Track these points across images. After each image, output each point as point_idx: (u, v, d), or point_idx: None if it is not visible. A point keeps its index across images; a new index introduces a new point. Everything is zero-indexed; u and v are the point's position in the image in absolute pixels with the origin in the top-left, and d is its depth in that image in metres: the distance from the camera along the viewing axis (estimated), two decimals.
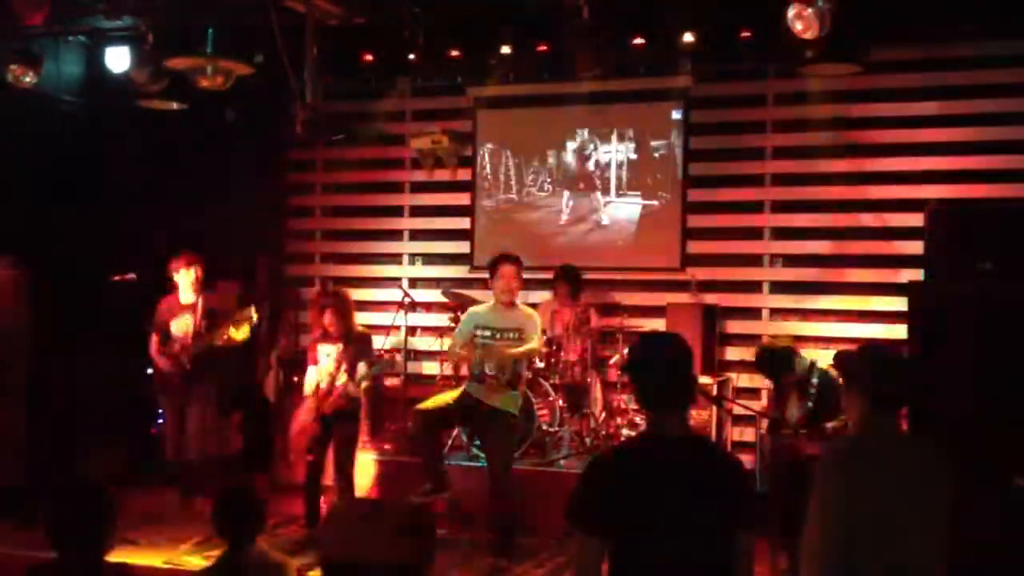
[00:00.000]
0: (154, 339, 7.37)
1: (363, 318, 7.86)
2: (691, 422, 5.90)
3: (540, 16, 7.63)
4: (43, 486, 6.66)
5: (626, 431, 7.78)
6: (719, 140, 8.78)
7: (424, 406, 6.72)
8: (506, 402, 6.51)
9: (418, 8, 7.52)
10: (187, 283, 7.34)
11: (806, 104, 8.35)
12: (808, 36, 6.37)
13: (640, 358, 3.18)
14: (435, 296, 9.26)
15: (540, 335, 6.72)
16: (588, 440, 7.97)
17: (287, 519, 7.12)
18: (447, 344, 8.26)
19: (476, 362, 6.56)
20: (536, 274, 8.51)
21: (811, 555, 3.18)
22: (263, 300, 7.90)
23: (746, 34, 7.47)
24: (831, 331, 8.23)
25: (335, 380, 6.80)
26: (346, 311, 6.91)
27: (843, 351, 4.69)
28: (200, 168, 8.70)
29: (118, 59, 7.78)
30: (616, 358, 8.14)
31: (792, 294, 8.51)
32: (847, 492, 3.15)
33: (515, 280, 6.57)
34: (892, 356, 3.46)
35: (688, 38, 7.57)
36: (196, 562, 6.09)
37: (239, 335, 7.21)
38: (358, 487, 7.20)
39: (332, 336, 6.88)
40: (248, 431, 8.59)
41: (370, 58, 8.16)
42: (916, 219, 7.37)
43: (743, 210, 8.68)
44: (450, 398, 6.76)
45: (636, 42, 7.66)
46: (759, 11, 7.05)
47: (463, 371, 7.85)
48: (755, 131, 8.63)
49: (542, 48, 7.93)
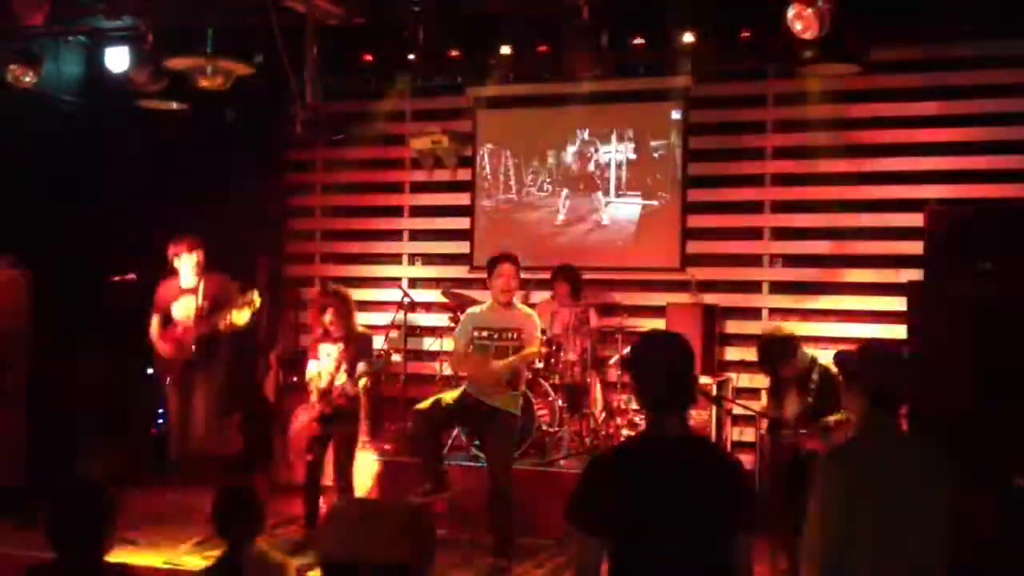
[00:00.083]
0: (155, 323, 7.34)
1: (363, 318, 7.85)
2: (691, 422, 5.91)
3: (540, 16, 7.63)
4: (43, 486, 6.66)
5: (626, 431, 7.78)
6: (719, 140, 8.78)
7: (424, 406, 6.71)
8: (506, 402, 6.51)
9: (418, 8, 7.53)
10: (189, 267, 7.32)
11: (806, 104, 8.36)
12: (808, 36, 6.37)
13: (641, 358, 3.18)
14: (435, 296, 9.26)
15: (539, 336, 6.72)
16: (588, 440, 7.97)
17: (287, 519, 7.12)
18: (447, 344, 8.28)
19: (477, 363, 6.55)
20: (536, 274, 8.52)
21: (811, 555, 3.18)
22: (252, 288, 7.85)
23: (746, 34, 7.46)
24: (831, 331, 8.23)
25: (335, 380, 6.80)
26: (347, 311, 6.91)
27: (843, 351, 4.66)
28: (200, 168, 8.69)
29: (118, 59, 7.78)
30: (616, 358, 8.15)
31: (792, 294, 8.51)
32: (847, 492, 3.16)
33: (513, 279, 6.57)
34: (892, 356, 3.47)
35: (688, 38, 7.57)
36: (196, 562, 6.09)
37: (241, 319, 7.21)
38: (358, 487, 7.20)
39: (333, 336, 6.88)
40: (248, 431, 8.58)
41: (370, 58, 8.15)
42: (916, 219, 7.37)
43: (743, 210, 8.68)
44: (450, 398, 6.75)
45: (636, 42, 7.65)
46: (759, 11, 7.05)
47: (458, 366, 7.85)
48: (755, 131, 8.63)
49: (542, 48, 7.92)
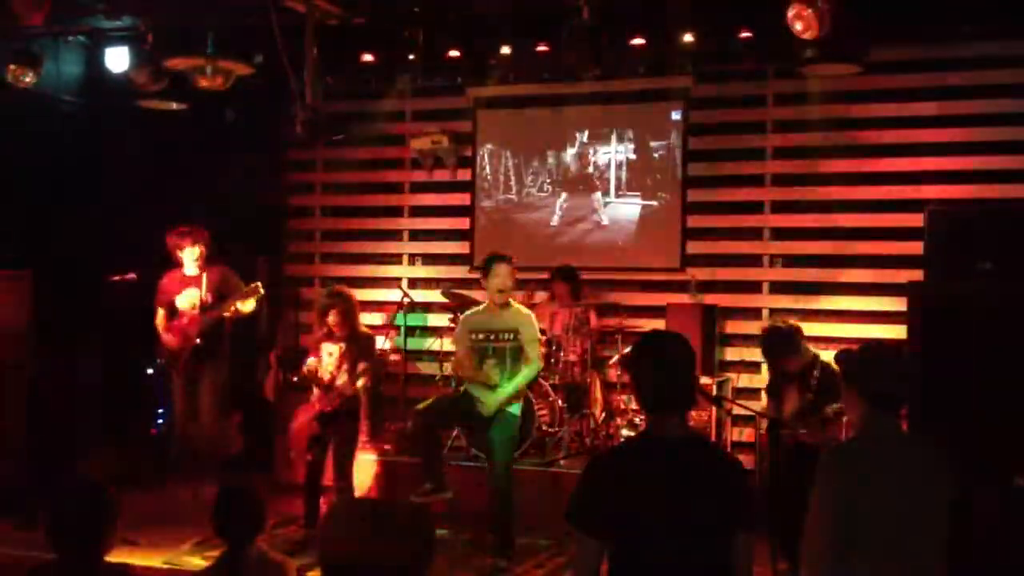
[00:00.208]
0: (160, 314, 7.35)
1: (363, 318, 7.85)
2: (691, 422, 5.91)
3: (540, 16, 7.63)
4: (43, 486, 6.67)
5: (626, 431, 7.78)
6: (719, 140, 8.78)
7: (424, 406, 6.71)
8: (506, 403, 6.50)
9: (418, 8, 7.52)
10: (192, 259, 7.32)
11: (806, 104, 8.36)
12: (808, 36, 6.37)
13: (641, 358, 3.18)
14: (435, 296, 9.26)
15: (540, 337, 6.67)
16: (588, 440, 7.97)
17: (287, 519, 7.12)
18: (447, 344, 8.28)
19: (476, 364, 6.54)
20: (536, 275, 8.52)
21: (811, 555, 3.18)
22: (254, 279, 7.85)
23: (746, 34, 7.46)
24: (831, 331, 8.21)
25: (335, 379, 6.80)
26: (351, 311, 6.91)
27: (843, 351, 4.65)
28: (200, 168, 8.70)
29: (118, 59, 7.78)
30: (616, 358, 8.14)
31: (792, 294, 8.51)
32: (847, 492, 3.15)
33: (508, 279, 6.53)
34: (892, 357, 3.46)
35: (688, 38, 7.57)
36: (196, 562, 6.09)
37: (247, 307, 7.21)
38: (358, 487, 7.20)
39: (337, 336, 6.89)
40: (248, 431, 8.59)
41: (370, 58, 8.15)
42: (916, 219, 7.37)
43: (743, 210, 8.68)
44: (451, 398, 6.75)
45: (636, 42, 7.65)
46: (759, 11, 7.06)
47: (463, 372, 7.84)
48: (755, 131, 8.63)
49: (542, 48, 7.92)
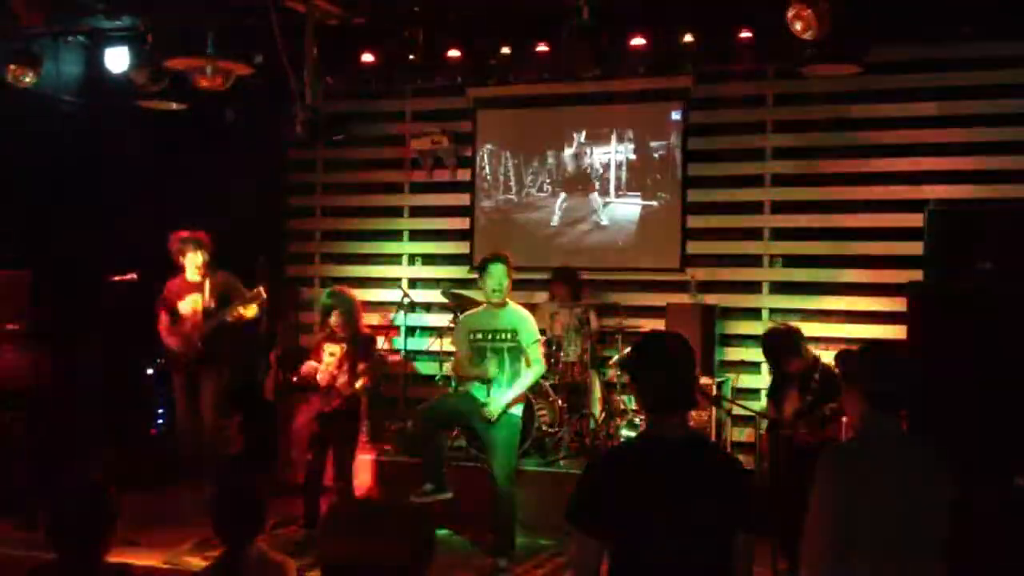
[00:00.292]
0: (163, 318, 7.36)
1: (364, 318, 7.85)
2: (691, 422, 5.90)
3: (540, 16, 7.63)
4: (43, 486, 6.66)
5: (626, 431, 7.78)
6: (719, 140, 8.78)
7: (425, 407, 6.71)
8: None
9: (418, 8, 7.52)
10: (194, 265, 7.33)
11: (806, 104, 8.37)
12: (808, 36, 6.36)
13: (642, 358, 3.18)
14: (435, 296, 9.26)
15: (538, 339, 6.62)
16: (588, 440, 7.97)
17: (287, 519, 7.11)
18: (447, 344, 8.27)
19: (476, 365, 6.53)
20: (536, 275, 8.52)
21: (811, 555, 3.18)
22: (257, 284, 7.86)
23: (746, 34, 7.46)
24: (831, 331, 8.22)
25: (336, 379, 6.80)
26: (353, 312, 6.91)
27: (845, 350, 4.64)
28: (200, 168, 8.70)
29: (118, 59, 7.77)
30: (616, 357, 8.14)
31: (792, 294, 8.51)
32: (847, 492, 3.15)
33: (503, 279, 6.50)
34: (892, 356, 3.46)
35: (688, 38, 7.57)
36: (196, 562, 6.09)
37: (249, 313, 7.21)
38: (358, 487, 7.20)
39: (339, 337, 6.89)
40: (248, 431, 8.58)
41: (370, 58, 8.15)
42: (916, 219, 7.36)
43: (743, 210, 8.68)
44: (452, 399, 6.74)
45: (636, 42, 7.65)
46: (759, 11, 7.05)
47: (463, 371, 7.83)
48: (755, 131, 8.63)
49: (542, 48, 7.92)
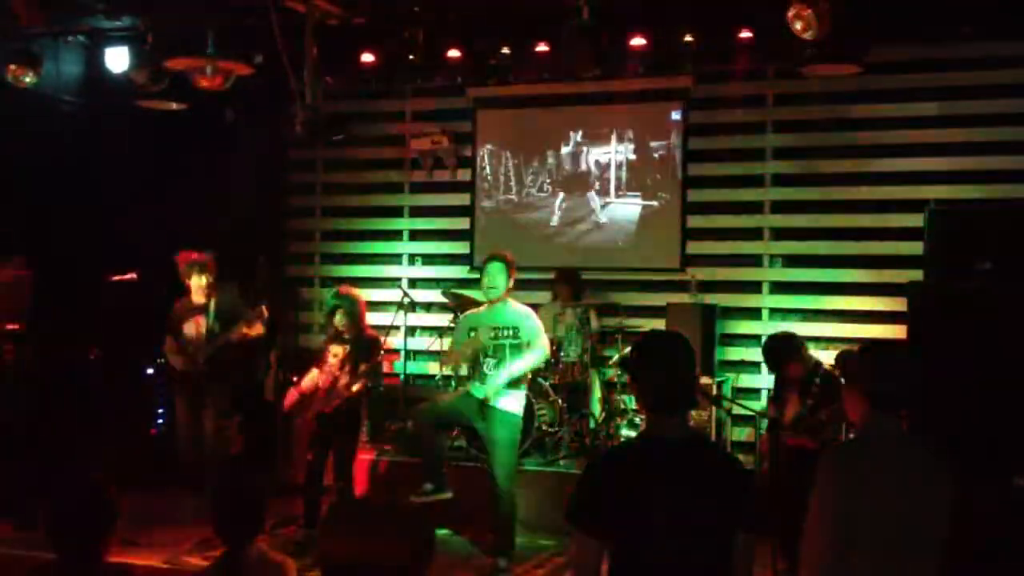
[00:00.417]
0: (168, 340, 7.39)
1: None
2: (691, 422, 5.91)
3: (540, 16, 7.63)
4: (43, 486, 6.65)
5: (626, 431, 7.78)
6: (719, 140, 8.78)
7: (425, 406, 6.71)
8: (508, 403, 6.49)
9: (418, 8, 7.52)
10: (199, 286, 7.34)
11: (806, 104, 8.37)
12: (808, 36, 6.36)
13: (642, 358, 3.17)
14: (435, 296, 9.26)
15: (541, 329, 6.54)
16: (588, 440, 7.97)
17: (287, 519, 7.11)
18: (447, 344, 8.27)
19: (475, 357, 6.53)
20: (536, 275, 8.52)
21: (811, 555, 3.17)
22: (263, 300, 7.88)
23: (746, 34, 7.47)
24: (831, 331, 8.23)
25: (338, 380, 6.80)
26: (357, 312, 6.91)
27: (845, 351, 4.66)
28: (200, 168, 8.70)
29: (118, 59, 7.77)
30: (616, 357, 8.14)
31: (792, 294, 8.52)
32: (847, 493, 3.15)
33: (498, 277, 6.47)
34: (892, 356, 3.45)
35: (688, 38, 7.57)
36: (196, 562, 6.09)
37: (254, 331, 7.23)
38: (358, 487, 7.20)
39: (343, 338, 6.89)
40: (248, 431, 8.58)
41: (370, 58, 8.15)
42: (916, 219, 7.37)
43: (743, 210, 8.68)
44: (452, 398, 6.74)
45: (636, 42, 7.66)
46: (759, 11, 7.06)
47: (463, 371, 7.83)
48: (755, 131, 8.63)
49: (542, 48, 7.92)
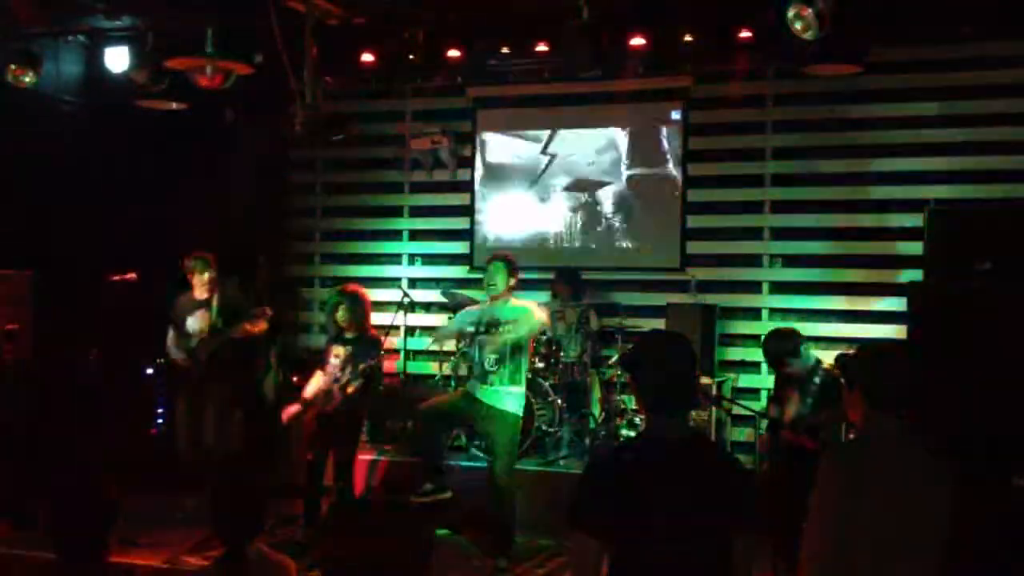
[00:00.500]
0: (171, 334, 7.39)
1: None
2: (691, 422, 5.89)
3: (540, 16, 7.63)
4: (43, 486, 6.65)
5: (626, 431, 7.78)
6: (719, 140, 8.78)
7: (426, 406, 6.71)
8: (508, 402, 6.50)
9: (418, 8, 7.52)
10: (201, 283, 7.35)
11: (806, 104, 8.37)
12: (808, 36, 6.36)
13: (642, 358, 3.16)
14: (435, 296, 9.26)
15: (538, 313, 6.53)
16: (588, 440, 7.97)
17: (287, 519, 7.11)
18: (447, 344, 8.28)
19: (474, 356, 6.53)
20: (537, 275, 8.52)
21: (811, 556, 3.17)
22: (263, 300, 7.89)
23: (746, 34, 7.46)
24: (831, 331, 8.23)
25: (339, 380, 6.80)
26: (359, 311, 6.90)
27: (845, 352, 4.62)
28: (200, 168, 8.69)
29: (118, 59, 7.76)
30: (616, 357, 8.14)
31: (792, 294, 8.51)
32: (847, 493, 3.15)
33: (496, 276, 6.51)
34: (892, 358, 3.45)
35: (688, 38, 7.57)
36: (196, 562, 6.09)
37: (257, 329, 7.24)
38: (358, 487, 7.20)
39: (346, 338, 6.89)
40: (248, 431, 8.58)
41: (370, 58, 8.15)
42: (916, 219, 7.37)
43: (743, 210, 8.68)
44: (452, 398, 6.74)
45: (636, 42, 7.65)
46: (759, 11, 7.05)
47: (463, 371, 7.85)
48: (755, 131, 8.63)
49: (542, 48, 7.92)
